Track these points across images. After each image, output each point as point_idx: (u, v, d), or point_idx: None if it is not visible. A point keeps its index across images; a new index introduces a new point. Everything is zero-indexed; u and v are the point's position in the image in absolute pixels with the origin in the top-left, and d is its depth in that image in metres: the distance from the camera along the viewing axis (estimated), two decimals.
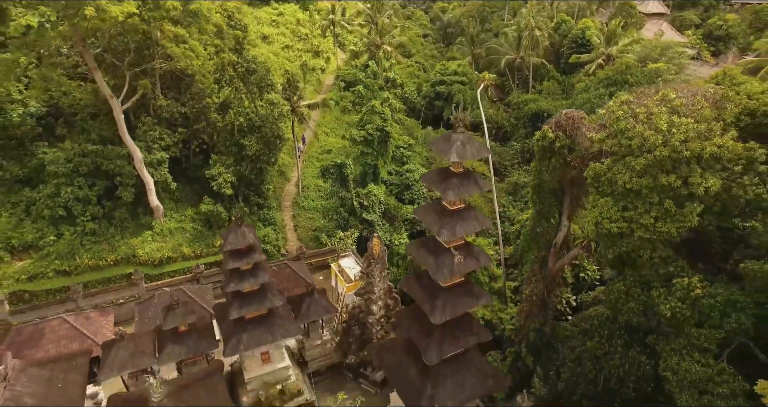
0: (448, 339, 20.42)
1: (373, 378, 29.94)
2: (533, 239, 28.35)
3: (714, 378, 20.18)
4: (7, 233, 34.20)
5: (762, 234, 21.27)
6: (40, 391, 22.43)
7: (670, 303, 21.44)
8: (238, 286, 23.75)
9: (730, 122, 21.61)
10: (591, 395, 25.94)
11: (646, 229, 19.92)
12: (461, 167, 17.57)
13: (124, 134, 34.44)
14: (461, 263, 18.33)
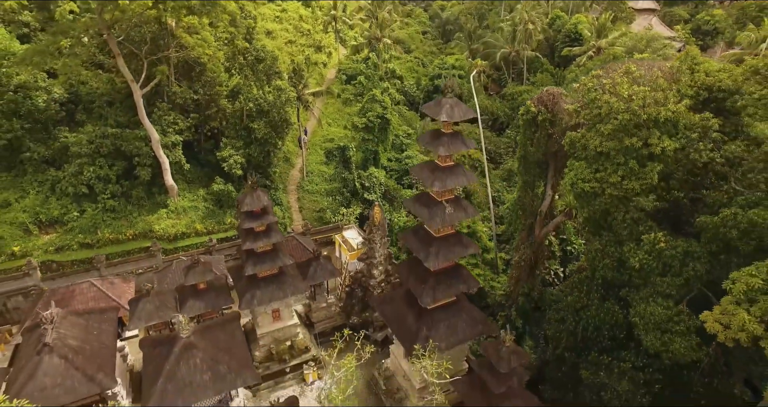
0: (441, 285, 23.42)
1: (374, 337, 32.88)
2: (521, 208, 31.39)
3: (673, 318, 23.15)
4: (35, 209, 37.29)
5: (715, 194, 24.24)
6: (80, 335, 25.45)
7: (638, 256, 24.42)
8: (252, 245, 26.76)
9: (691, 96, 24.67)
10: (571, 347, 28.90)
11: (615, 187, 22.95)
12: (450, 128, 20.56)
13: (143, 116, 37.49)
14: (452, 214, 21.33)
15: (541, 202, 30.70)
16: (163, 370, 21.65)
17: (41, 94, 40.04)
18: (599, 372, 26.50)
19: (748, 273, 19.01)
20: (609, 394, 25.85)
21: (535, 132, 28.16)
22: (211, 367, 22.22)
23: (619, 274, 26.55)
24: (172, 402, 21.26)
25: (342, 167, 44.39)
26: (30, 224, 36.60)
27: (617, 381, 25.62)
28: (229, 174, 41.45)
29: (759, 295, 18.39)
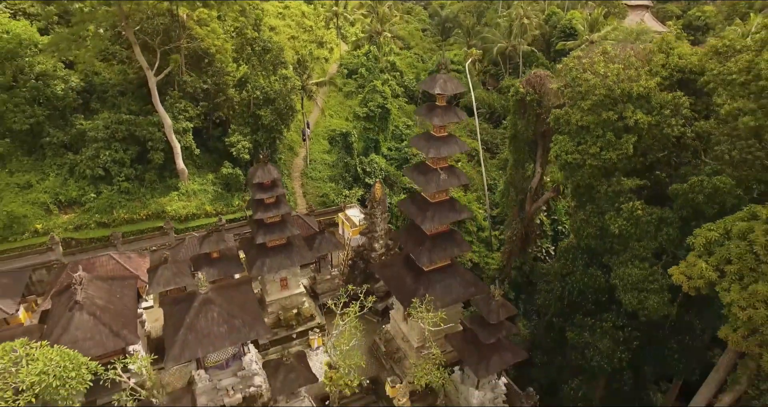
0: (436, 248, 25.90)
1: (375, 308, 35.27)
2: (512, 186, 33.91)
3: (648, 278, 25.63)
4: (55, 190, 39.84)
5: (686, 167, 26.72)
6: (105, 296, 27.96)
7: (618, 223, 26.94)
8: (263, 215, 29.25)
9: (665, 77, 27.23)
10: (559, 312, 31.40)
11: (594, 158, 25.47)
12: (444, 101, 23.11)
13: (157, 102, 40.07)
14: (446, 179, 23.84)
15: (530, 179, 33.21)
16: (184, 322, 24.10)
17: (59, 83, 42.59)
18: (583, 333, 29.01)
19: (707, 229, 21.50)
20: (592, 352, 28.32)
21: (524, 112, 30.71)
22: (227, 320, 24.68)
23: (601, 242, 29.05)
24: (192, 350, 23.72)
25: (344, 153, 47.00)
26: (50, 204, 39.17)
27: (599, 339, 28.12)
28: (237, 159, 44.03)
29: (716, 247, 20.86)
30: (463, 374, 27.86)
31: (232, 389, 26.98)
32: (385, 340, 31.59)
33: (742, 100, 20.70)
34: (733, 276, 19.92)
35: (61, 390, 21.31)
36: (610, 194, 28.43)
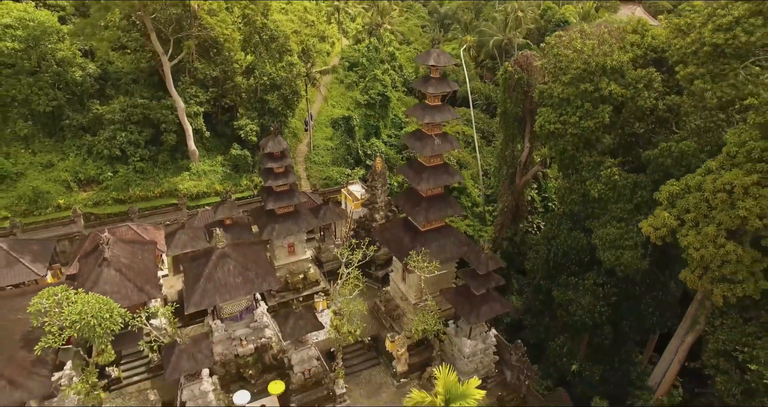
0: (432, 209, 28.86)
1: (376, 275, 38.27)
2: (503, 159, 36.88)
3: (624, 236, 28.52)
4: (75, 169, 42.84)
5: (659, 137, 29.67)
6: (128, 256, 30.97)
7: (597, 188, 29.88)
8: (273, 183, 32.24)
9: (640, 56, 30.24)
10: (546, 275, 34.29)
11: (574, 126, 28.44)
12: (438, 73, 26.10)
13: (171, 86, 43.11)
14: (439, 144, 26.82)
15: (520, 154, 36.19)
16: (203, 273, 27.03)
17: (77, 70, 45.64)
18: (567, 291, 31.90)
19: (670, 184, 24.43)
20: (575, 307, 31.19)
21: (513, 90, 33.72)
22: (241, 273, 27.61)
23: (583, 207, 31.99)
24: (211, 297, 26.66)
25: (347, 136, 50.01)
26: (71, 182, 42.15)
27: (582, 296, 31.01)
28: (245, 141, 47.05)
29: (677, 200, 23.79)
30: (457, 327, 30.73)
31: (245, 339, 29.91)
32: (384, 300, 34.50)
33: (694, 66, 23.65)
34: (691, 223, 22.85)
35: (98, 328, 24.20)
36: (591, 164, 31.42)
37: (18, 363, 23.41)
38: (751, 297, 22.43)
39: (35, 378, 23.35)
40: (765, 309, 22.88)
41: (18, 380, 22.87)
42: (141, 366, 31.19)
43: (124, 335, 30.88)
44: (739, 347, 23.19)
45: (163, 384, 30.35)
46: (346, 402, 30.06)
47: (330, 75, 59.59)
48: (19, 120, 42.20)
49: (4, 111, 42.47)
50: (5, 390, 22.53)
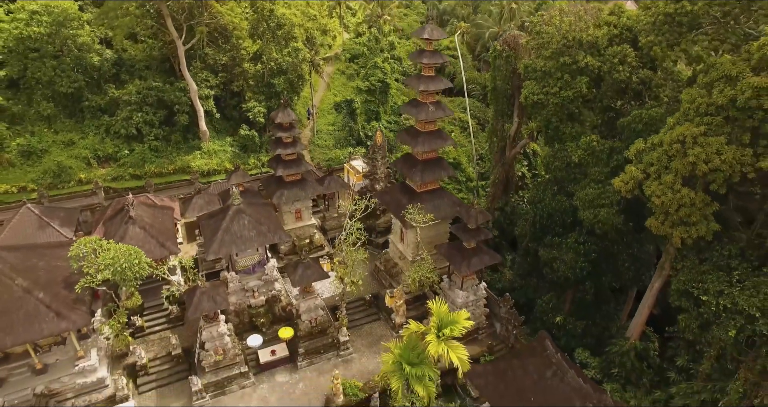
0: (427, 170, 32.42)
1: (377, 242, 41.80)
2: (494, 133, 40.45)
3: (600, 195, 31.98)
4: (94, 146, 46.46)
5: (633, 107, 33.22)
6: (150, 217, 34.55)
7: (578, 153, 33.42)
8: (282, 152, 35.82)
9: (616, 35, 33.84)
10: (533, 237, 37.76)
11: (555, 96, 32.02)
12: (432, 46, 29.70)
13: (184, 69, 46.79)
14: (434, 110, 30.41)
15: (510, 128, 39.76)
16: (221, 227, 30.53)
17: (95, 55, 49.36)
18: (552, 250, 35.37)
19: (638, 143, 27.93)
20: (559, 264, 34.64)
21: (502, 68, 37.33)
22: (255, 227, 31.12)
23: (566, 174, 35.51)
24: (228, 247, 30.17)
25: (348, 119, 53.64)
26: (91, 159, 45.77)
27: (565, 253, 34.47)
28: (253, 123, 50.70)
29: (644, 156, 27.29)
30: (450, 281, 34.20)
31: (257, 291, 33.41)
32: (384, 261, 38.01)
33: (653, 35, 27.20)
34: (654, 175, 26.33)
35: (128, 272, 27.71)
36: (573, 134, 35.02)
37: (62, 299, 26.91)
38: (704, 239, 25.90)
39: (77, 312, 26.83)
40: (716, 250, 26.34)
41: (63, 312, 26.36)
42: (161, 318, 34.68)
43: (146, 290, 34.67)
44: (696, 285, 26.63)
45: (182, 332, 33.95)
46: (349, 350, 33.56)
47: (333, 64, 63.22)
48: (43, 101, 45.84)
49: (30, 93, 46.14)
50: (54, 320, 26.04)
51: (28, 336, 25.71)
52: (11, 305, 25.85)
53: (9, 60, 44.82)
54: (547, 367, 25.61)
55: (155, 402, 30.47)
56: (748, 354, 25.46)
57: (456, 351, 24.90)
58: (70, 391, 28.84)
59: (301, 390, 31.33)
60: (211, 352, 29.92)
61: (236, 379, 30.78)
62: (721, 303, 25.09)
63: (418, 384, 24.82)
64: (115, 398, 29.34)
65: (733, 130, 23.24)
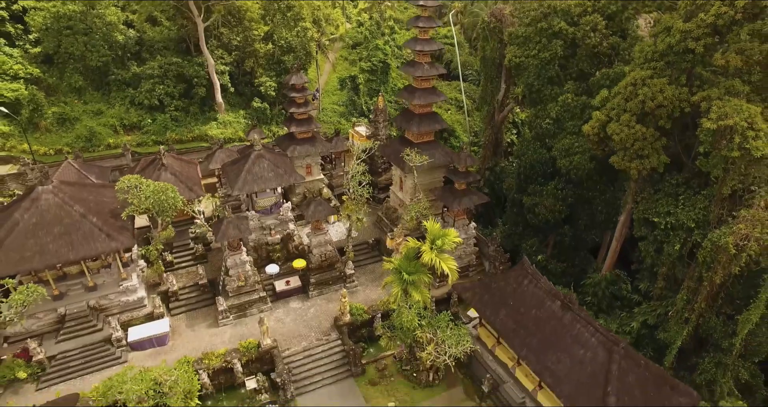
0: (423, 123, 38.09)
1: (379, 197, 47.32)
2: (484, 99, 46.13)
3: (574, 144, 37.59)
4: (120, 116, 52.18)
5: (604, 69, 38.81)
6: (178, 167, 40.12)
7: (555, 110, 39.06)
8: (295, 111, 41.51)
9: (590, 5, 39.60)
10: (518, 189, 43.26)
11: (534, 57, 37.68)
12: (427, 12, 35.42)
13: (203, 44, 52.59)
14: (428, 69, 36.08)
15: (498, 93, 45.45)
16: (244, 168, 36.16)
17: (119, 34, 55.21)
18: (534, 197, 40.92)
19: (603, 93, 33.54)
20: (540, 209, 40.15)
21: (490, 38, 43.09)
22: (273, 169, 36.74)
23: (546, 129, 41.14)
24: (250, 185, 35.77)
25: (352, 93, 59.42)
26: (117, 127, 51.50)
27: (545, 199, 39.99)
28: (265, 96, 56.47)
29: (607, 103, 32.88)
30: (444, 221, 39.70)
31: (274, 229, 38.95)
32: (385, 209, 43.57)
33: None
34: (615, 117, 31.94)
35: (165, 203, 33.30)
36: (553, 95, 40.70)
37: (111, 224, 32.46)
38: (656, 170, 31.46)
39: (123, 235, 32.38)
40: (666, 180, 31.86)
41: (113, 234, 31.91)
42: (188, 255, 40.17)
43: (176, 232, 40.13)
44: (651, 211, 32.16)
45: (207, 267, 39.41)
46: (355, 282, 39.02)
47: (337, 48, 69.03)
48: (74, 74, 51.64)
49: (62, 67, 51.98)
50: (105, 241, 31.58)
51: (86, 252, 31.25)
52: (71, 227, 31.41)
53: (45, 37, 50.63)
54: (524, 277, 31.08)
55: (185, 323, 35.91)
56: (690, 266, 30.91)
57: (447, 262, 30.38)
58: (115, 307, 34.38)
59: (312, 313, 36.80)
60: (234, 278, 35.40)
61: (256, 303, 36.24)
62: (669, 221, 30.67)
63: (414, 290, 30.28)
64: (153, 315, 34.85)
65: (672, 72, 28.90)
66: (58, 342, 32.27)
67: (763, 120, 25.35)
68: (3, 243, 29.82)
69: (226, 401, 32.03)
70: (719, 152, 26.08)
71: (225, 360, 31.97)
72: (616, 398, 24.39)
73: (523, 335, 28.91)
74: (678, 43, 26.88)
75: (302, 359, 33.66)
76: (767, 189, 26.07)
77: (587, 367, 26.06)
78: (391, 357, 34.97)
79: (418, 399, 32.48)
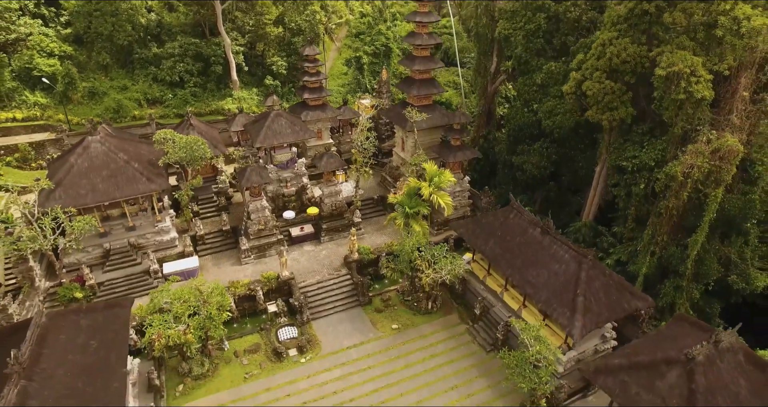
0: (422, 87, 43.93)
1: (383, 161, 53.10)
2: (477, 72, 52.09)
3: (557, 106, 43.50)
4: (143, 91, 58.15)
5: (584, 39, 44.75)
6: (203, 128, 45.90)
7: (540, 76, 45.02)
8: (308, 80, 47.40)
9: None
10: (508, 150, 49.10)
11: (521, 29, 43.69)
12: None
13: (220, 25, 58.61)
14: (426, 38, 42.01)
15: (490, 66, 51.41)
16: (265, 125, 41.93)
17: (142, 16, 61.27)
18: (523, 156, 46.77)
19: (580, 55, 39.43)
20: (527, 166, 46.00)
21: (482, 16, 49.11)
22: (290, 126, 42.53)
23: (532, 95, 47.03)
24: (270, 139, 41.54)
25: (357, 72, 65.47)
26: (141, 100, 57.46)
27: (532, 156, 45.85)
28: (276, 75, 62.51)
29: (583, 65, 38.72)
30: None
31: (289, 182, 44.69)
32: (389, 169, 49.33)
33: None
34: (589, 76, 37.81)
35: (195, 153, 39.08)
36: (539, 65, 46.64)
37: (149, 170, 38.21)
38: (625, 121, 37.27)
39: (161, 179, 38.12)
40: (633, 130, 37.66)
41: (152, 178, 37.64)
42: (212, 207, 45.85)
43: (198, 188, 45.88)
44: (621, 158, 37.92)
45: (229, 216, 45.06)
46: (362, 230, 44.69)
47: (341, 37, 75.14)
48: (102, 52, 57.70)
49: (90, 47, 58.02)
50: (146, 183, 37.28)
51: (129, 191, 36.96)
52: (117, 170, 37.17)
53: (76, 19, 56.70)
54: (510, 212, 36.78)
55: (212, 262, 41.54)
56: (653, 203, 36.64)
57: (443, 198, 36.14)
58: (151, 246, 40.03)
59: (324, 254, 42.46)
60: (255, 222, 41.06)
61: (274, 245, 41.86)
62: (635, 164, 36.46)
63: (414, 221, 36.01)
64: (183, 254, 40.49)
65: (634, 33, 34.80)
66: (105, 271, 37.93)
67: (705, 70, 31.20)
68: (62, 182, 35.60)
69: (249, 325, 37.59)
70: (669, 96, 31.89)
71: (249, 288, 37.54)
72: (583, 298, 29.96)
73: (509, 258, 34.53)
74: (635, 6, 32.81)
75: (316, 290, 39.25)
76: (709, 129, 31.80)
77: (561, 277, 31.67)
78: (395, 291, 40.52)
79: (418, 323, 38.04)
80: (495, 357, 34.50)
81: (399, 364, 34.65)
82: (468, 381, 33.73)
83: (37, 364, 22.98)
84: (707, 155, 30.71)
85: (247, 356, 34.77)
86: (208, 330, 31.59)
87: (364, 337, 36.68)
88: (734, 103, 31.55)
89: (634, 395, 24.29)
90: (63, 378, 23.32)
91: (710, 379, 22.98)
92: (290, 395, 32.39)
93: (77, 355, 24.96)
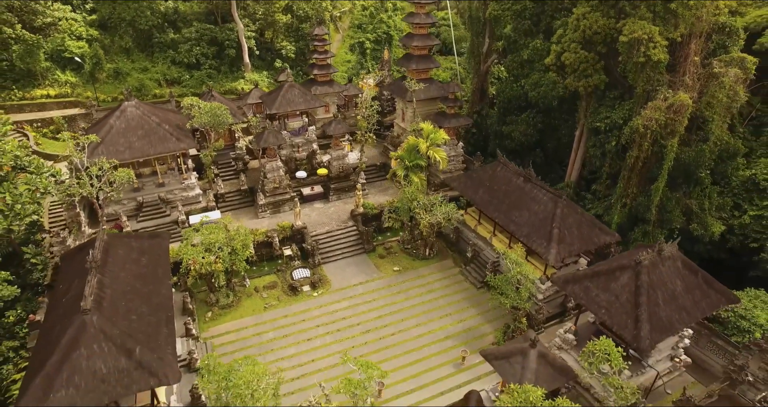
0: (420, 62, 50.08)
1: (384, 134, 59.17)
2: (471, 52, 58.31)
3: (541, 79, 49.66)
4: (163, 72, 64.36)
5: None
6: (222, 100, 52.01)
7: (527, 53, 51.20)
8: (317, 57, 53.58)
9: None
10: (499, 121, 55.16)
11: (510, 11, 49.95)
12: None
13: (234, 11, 64.90)
14: (425, 17, 48.20)
15: (483, 46, 57.62)
16: (279, 94, 48.08)
17: (160, 3, 67.65)
18: (511, 126, 52.89)
19: (560, 30, 45.56)
20: (515, 134, 52.10)
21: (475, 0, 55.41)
22: (302, 96, 48.64)
23: (520, 70, 53.19)
24: (285, 107, 47.66)
25: (360, 56, 71.78)
26: (161, 81, 63.68)
27: (519, 125, 51.96)
28: (286, 58, 68.78)
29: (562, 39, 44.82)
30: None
31: (301, 148, 50.77)
32: (390, 138, 55.43)
33: None
34: (567, 48, 43.93)
35: (219, 118, 45.12)
36: (527, 44, 52.86)
37: (178, 132, 44.25)
38: (599, 88, 43.38)
39: (188, 139, 44.17)
40: (606, 96, 43.74)
41: (181, 138, 43.70)
42: (230, 171, 51.87)
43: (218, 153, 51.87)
44: (596, 120, 44.00)
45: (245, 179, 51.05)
46: (366, 191, 50.68)
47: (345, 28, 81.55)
48: (125, 36, 64.04)
49: (113, 31, 64.35)
50: (176, 142, 43.23)
51: (162, 149, 42.93)
52: (150, 131, 43.19)
53: (101, 6, 63.09)
54: (498, 165, 42.79)
55: (231, 217, 47.48)
56: (624, 160, 42.59)
57: (438, 152, 42.19)
58: (178, 201, 45.97)
59: (332, 210, 48.41)
60: (271, 180, 47.06)
61: (287, 202, 47.79)
62: (606, 123, 42.51)
63: (414, 174, 42.03)
64: (207, 208, 46.45)
65: (605, 8, 40.97)
66: (139, 221, 43.88)
67: (661, 37, 37.33)
68: (104, 140, 41.61)
69: (267, 267, 43.49)
70: (632, 60, 38.03)
71: (267, 235, 43.47)
72: (558, 230, 35.91)
73: (496, 203, 40.50)
74: None
75: (326, 238, 45.18)
76: (666, 88, 37.88)
77: (540, 215, 37.62)
78: (396, 241, 46.46)
79: (417, 267, 43.95)
80: (484, 292, 40.42)
81: (400, 297, 40.53)
82: (460, 310, 39.60)
83: (105, 266, 28.89)
84: (663, 109, 36.73)
85: (266, 291, 40.64)
86: (234, 263, 37.45)
87: (368, 277, 42.58)
88: (687, 66, 37.63)
89: (594, 296, 30.12)
90: (125, 278, 29.22)
91: (653, 278, 28.83)
92: (305, 320, 38.23)
93: (133, 266, 30.86)
